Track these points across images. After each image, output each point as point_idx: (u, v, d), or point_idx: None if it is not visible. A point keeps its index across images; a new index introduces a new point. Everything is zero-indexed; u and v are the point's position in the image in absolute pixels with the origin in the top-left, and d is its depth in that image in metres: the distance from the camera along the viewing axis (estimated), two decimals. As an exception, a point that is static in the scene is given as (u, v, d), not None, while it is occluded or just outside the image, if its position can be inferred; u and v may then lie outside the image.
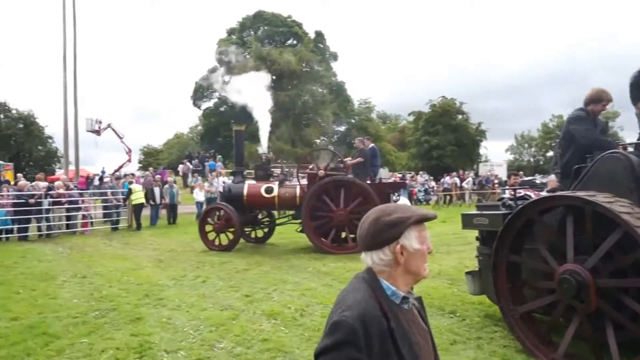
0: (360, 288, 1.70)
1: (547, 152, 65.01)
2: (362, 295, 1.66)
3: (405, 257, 1.69)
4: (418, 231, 1.71)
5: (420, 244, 1.71)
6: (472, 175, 33.56)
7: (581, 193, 4.96)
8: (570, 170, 5.69)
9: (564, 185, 5.81)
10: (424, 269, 1.74)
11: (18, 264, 11.37)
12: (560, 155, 5.90)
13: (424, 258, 1.73)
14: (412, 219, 1.70)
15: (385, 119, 72.80)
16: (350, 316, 1.57)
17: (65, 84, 26.34)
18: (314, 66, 42.92)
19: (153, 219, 20.11)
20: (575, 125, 5.79)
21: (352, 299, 1.65)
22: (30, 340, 5.98)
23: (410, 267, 1.71)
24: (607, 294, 4.79)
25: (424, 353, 1.71)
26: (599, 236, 4.79)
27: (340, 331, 1.56)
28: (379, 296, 1.67)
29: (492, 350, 5.64)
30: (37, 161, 43.50)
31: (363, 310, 1.59)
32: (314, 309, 7.46)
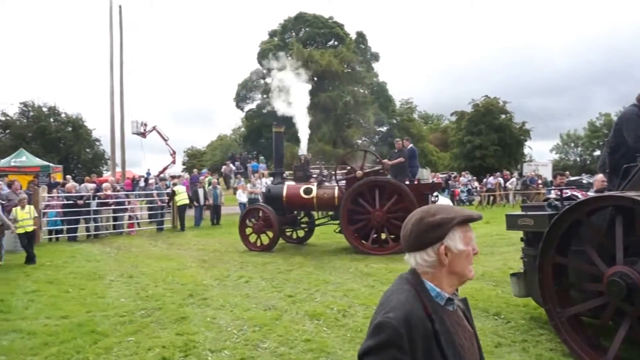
0: (404, 289, 1.68)
1: (594, 152, 63.45)
2: (406, 296, 1.64)
3: (450, 259, 1.67)
4: (463, 232, 1.69)
5: (464, 245, 1.68)
6: (516, 176, 32.93)
7: (631, 193, 4.81)
8: (620, 169, 5.52)
9: (613, 186, 5.63)
10: (469, 270, 1.72)
11: (68, 264, 11.72)
12: (610, 154, 5.72)
13: (469, 259, 1.71)
14: (456, 219, 1.67)
15: (427, 119, 72.16)
16: (394, 317, 1.55)
17: (112, 88, 27.04)
18: (355, 67, 42.83)
19: (197, 220, 20.40)
20: (628, 125, 5.57)
21: (396, 300, 1.63)
22: (79, 338, 6.15)
23: (455, 269, 1.69)
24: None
25: (469, 355, 1.69)
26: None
27: (384, 332, 1.54)
28: (424, 297, 1.65)
29: (538, 354, 5.53)
30: (85, 163, 44.55)
31: (407, 312, 1.57)
32: (356, 309, 7.45)
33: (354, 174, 13.05)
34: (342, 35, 46.02)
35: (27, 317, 7.20)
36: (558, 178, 9.50)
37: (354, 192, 12.74)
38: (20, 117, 41.17)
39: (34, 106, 41.56)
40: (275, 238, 13.62)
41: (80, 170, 42.98)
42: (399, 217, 12.53)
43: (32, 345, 5.94)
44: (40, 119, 40.82)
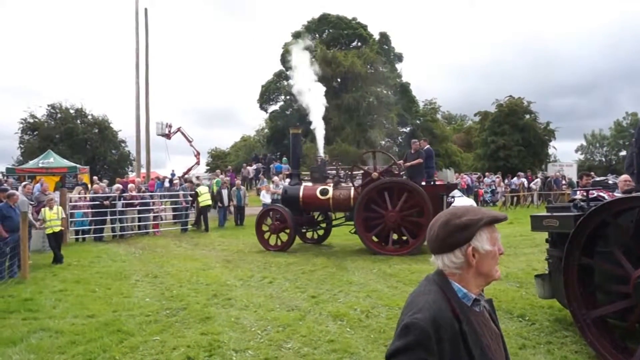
0: (432, 290, 1.70)
1: (620, 152, 62.35)
2: (434, 297, 1.65)
3: (477, 259, 1.69)
4: (489, 233, 1.70)
5: (491, 246, 1.70)
6: (540, 176, 32.51)
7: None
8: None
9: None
10: (495, 270, 1.74)
11: (94, 264, 11.91)
12: (638, 154, 5.62)
13: (495, 260, 1.72)
14: (483, 220, 1.69)
15: (451, 119, 71.67)
16: (422, 318, 1.57)
17: (137, 90, 27.35)
18: (378, 67, 42.71)
19: (221, 221, 20.55)
20: None
21: (423, 301, 1.64)
22: (105, 338, 6.25)
23: (482, 269, 1.71)
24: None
25: (495, 356, 1.69)
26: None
27: (411, 333, 1.56)
28: (451, 298, 1.66)
29: (563, 356, 5.49)
30: (111, 164, 45.12)
31: (435, 313, 1.59)
32: (380, 310, 7.46)
33: (370, 175, 13.09)
34: (366, 36, 45.90)
35: (55, 316, 7.32)
36: (584, 178, 9.38)
37: (364, 200, 12.84)
38: (48, 119, 41.84)
39: (61, 108, 42.21)
40: (291, 238, 13.75)
41: (107, 171, 43.55)
42: (412, 219, 12.67)
43: (59, 344, 6.05)
44: (68, 121, 41.45)
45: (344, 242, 15.36)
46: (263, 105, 49.18)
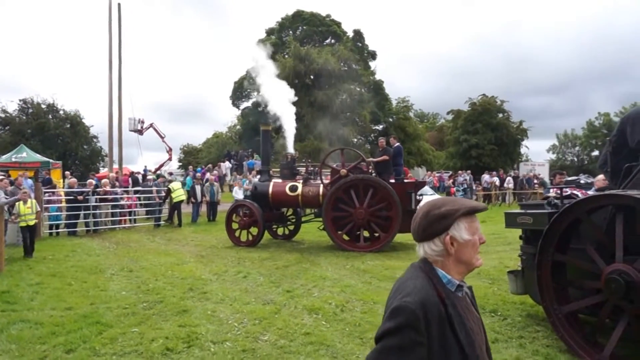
0: (419, 276, 1.78)
1: (592, 152, 63.58)
2: (421, 282, 1.74)
3: (456, 248, 1.78)
4: (468, 222, 1.79)
5: (470, 235, 1.79)
6: (511, 174, 33.08)
7: (632, 192, 4.92)
8: (621, 169, 5.62)
9: (614, 185, 5.72)
10: (476, 259, 1.83)
11: (69, 258, 11.79)
12: (612, 153, 5.80)
13: (475, 248, 1.81)
14: (460, 211, 1.78)
15: (423, 117, 72.25)
16: (412, 302, 1.65)
17: (110, 86, 27.09)
18: (352, 65, 42.77)
19: (194, 216, 20.48)
20: (635, 127, 5.61)
21: (412, 286, 1.73)
22: (85, 329, 6.25)
23: (462, 257, 1.80)
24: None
25: (478, 338, 1.78)
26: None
27: (402, 315, 1.64)
28: (436, 284, 1.75)
29: (535, 350, 5.64)
30: (83, 160, 44.49)
31: (423, 296, 1.68)
32: (354, 305, 7.57)
33: (339, 172, 13.24)
34: (340, 34, 45.97)
35: (33, 308, 7.29)
36: (557, 177, 9.59)
37: (331, 200, 13.02)
38: (19, 114, 41.08)
39: (33, 103, 41.50)
40: (260, 233, 13.85)
41: (78, 166, 42.93)
42: (380, 216, 12.94)
43: (40, 335, 6.05)
44: (39, 116, 40.76)
45: (314, 238, 15.51)
46: (235, 101, 48.96)
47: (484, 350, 1.82)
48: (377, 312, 7.10)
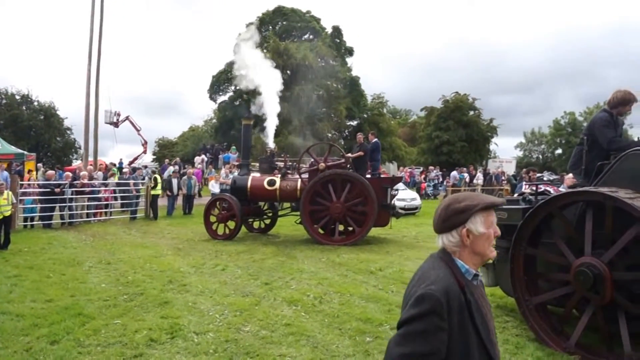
0: (440, 266, 1.93)
1: (556, 150, 64.78)
2: (443, 272, 1.89)
3: (471, 240, 1.92)
4: (484, 217, 1.93)
5: (485, 228, 1.93)
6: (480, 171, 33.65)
7: (603, 189, 5.18)
8: (592, 168, 5.89)
9: (586, 182, 6.00)
10: (490, 250, 1.97)
11: (45, 250, 11.72)
12: (586, 152, 6.07)
13: (489, 240, 1.96)
14: (479, 206, 1.92)
15: (395, 113, 72.67)
16: (436, 290, 1.79)
17: (89, 77, 26.71)
18: (329, 61, 42.92)
19: (169, 209, 20.46)
20: (602, 130, 5.88)
21: (435, 275, 1.87)
22: (67, 321, 6.30)
23: (477, 249, 1.94)
24: (622, 286, 5.04)
25: (491, 323, 1.95)
26: (617, 231, 5.04)
27: (426, 302, 1.77)
28: (456, 273, 1.90)
29: (505, 339, 5.91)
30: (55, 152, 43.93)
31: (446, 285, 1.82)
32: (332, 297, 7.76)
33: (317, 166, 13.44)
34: (319, 30, 46.07)
35: (13, 301, 7.28)
36: (531, 173, 9.91)
37: (309, 194, 13.20)
38: (-8, 105, 40.47)
39: (7, 94, 40.82)
40: (237, 227, 14.01)
41: (50, 158, 42.37)
42: (357, 210, 13.15)
43: (22, 327, 6.07)
44: (13, 107, 40.11)
45: (290, 232, 15.67)
46: (213, 95, 48.77)
47: (495, 335, 1.98)
48: (354, 304, 7.31)
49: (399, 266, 10.03)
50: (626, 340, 4.88)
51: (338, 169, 13.47)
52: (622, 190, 5.05)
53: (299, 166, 14.10)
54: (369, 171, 14.07)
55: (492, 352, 1.87)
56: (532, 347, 5.63)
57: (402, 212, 15.83)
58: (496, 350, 1.92)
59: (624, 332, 4.92)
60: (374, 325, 6.28)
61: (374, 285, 8.54)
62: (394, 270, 9.67)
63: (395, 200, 14.93)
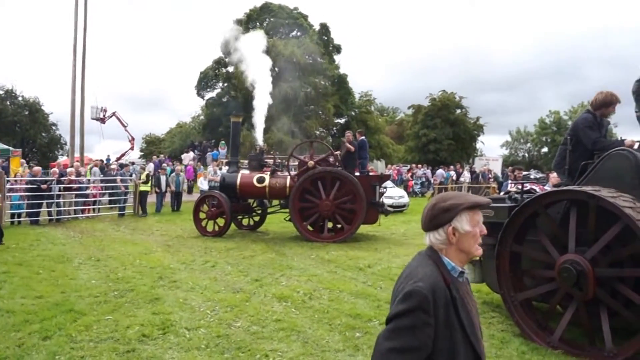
0: (428, 263, 2.01)
1: (542, 149, 65.36)
2: (430, 269, 1.97)
3: (457, 238, 2.00)
4: (470, 216, 2.01)
5: (471, 227, 2.00)
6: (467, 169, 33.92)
7: (587, 188, 5.32)
8: (576, 167, 6.04)
9: (570, 182, 6.14)
10: (475, 248, 2.04)
11: (34, 247, 11.71)
12: (570, 152, 6.21)
13: (475, 239, 2.03)
14: (463, 205, 2.00)
15: (383, 111, 72.88)
16: (423, 286, 1.87)
17: (74, 72, 26.49)
18: (317, 58, 42.93)
19: (158, 206, 20.47)
20: (585, 132, 6.02)
21: (422, 272, 1.95)
22: (59, 317, 6.33)
23: (463, 246, 2.02)
24: (604, 283, 5.19)
25: (476, 320, 2.04)
26: (600, 229, 5.18)
27: (414, 298, 1.86)
28: (443, 271, 1.98)
29: (491, 334, 6.04)
30: (41, 148, 43.63)
31: (433, 282, 1.90)
32: (321, 293, 7.85)
33: (306, 164, 13.52)
34: (306, 27, 46.03)
35: (3, 297, 7.28)
36: (517, 172, 10.07)
37: (298, 191, 13.28)
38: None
39: (-9, 89, 40.47)
40: (227, 224, 14.04)
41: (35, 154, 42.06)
42: (346, 208, 13.26)
43: (13, 323, 6.09)
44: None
45: (279, 229, 15.74)
46: (200, 92, 48.59)
47: (480, 330, 2.07)
48: (344, 300, 7.41)
49: (387, 263, 10.15)
50: (607, 335, 5.03)
51: (327, 166, 13.55)
52: (605, 189, 5.19)
53: (288, 164, 14.16)
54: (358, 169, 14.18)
55: (476, 346, 1.95)
56: (517, 342, 5.76)
57: (391, 210, 15.97)
58: (481, 345, 2.00)
59: (606, 327, 5.07)
60: (363, 321, 6.38)
61: (363, 282, 8.65)
62: (382, 267, 9.78)
63: (384, 198, 15.05)
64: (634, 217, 4.69)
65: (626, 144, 5.68)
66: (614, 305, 5.12)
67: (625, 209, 4.75)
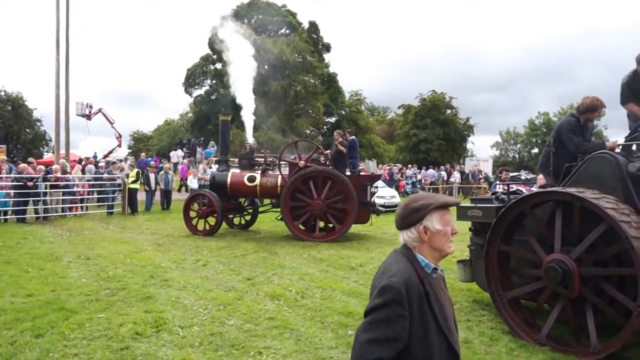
0: (402, 260, 2.13)
1: (532, 149, 65.85)
2: (405, 265, 2.09)
3: (429, 236, 2.12)
4: (440, 215, 2.12)
5: (442, 226, 2.12)
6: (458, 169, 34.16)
7: (571, 189, 5.45)
8: (561, 169, 6.17)
9: (555, 183, 6.27)
10: (447, 246, 2.15)
11: (21, 245, 11.67)
12: (554, 154, 6.34)
13: (446, 237, 2.14)
14: (433, 205, 2.11)
15: (374, 111, 73.08)
16: (397, 281, 1.99)
17: (57, 67, 26.26)
18: (306, 57, 42.94)
19: (148, 205, 20.42)
20: (568, 135, 6.16)
21: (396, 268, 2.07)
22: (51, 315, 6.34)
23: (434, 244, 2.13)
24: (589, 281, 5.32)
25: (449, 313, 2.15)
26: (584, 229, 5.31)
27: (388, 293, 1.98)
28: (416, 267, 2.10)
29: (481, 331, 6.15)
30: (25, 144, 43.28)
31: (406, 277, 2.02)
32: (314, 291, 7.91)
33: (297, 164, 13.57)
34: (295, 24, 46.02)
35: (-7, 295, 7.29)
36: (504, 173, 10.20)
37: (290, 190, 13.32)
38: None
39: (-28, 84, 39.99)
40: (218, 223, 14.05)
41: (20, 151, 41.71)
42: (337, 207, 13.33)
43: (4, 321, 6.09)
44: (-22, 98, 39.38)
45: (271, 228, 15.79)
46: (188, 89, 48.46)
47: (453, 323, 2.18)
48: (336, 299, 7.48)
49: (378, 262, 10.16)
50: (593, 332, 5.17)
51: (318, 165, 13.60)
52: (589, 191, 5.33)
53: (279, 163, 14.19)
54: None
55: (449, 337, 2.07)
56: (506, 339, 5.86)
57: (382, 210, 16.05)
58: (454, 336, 2.12)
59: (591, 325, 5.20)
60: (355, 319, 6.44)
61: (354, 281, 8.73)
62: (374, 266, 9.85)
63: (375, 197, 15.14)
64: (616, 218, 4.81)
65: (608, 147, 5.83)
66: (599, 303, 5.25)
67: (608, 210, 4.87)
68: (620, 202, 5.17)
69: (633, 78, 6.70)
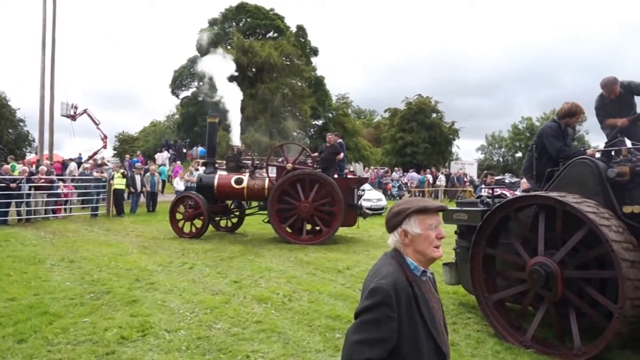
0: (391, 263, 2.17)
1: (516, 153, 66.49)
2: (394, 268, 2.13)
3: (410, 239, 2.16)
4: (420, 219, 2.15)
5: (422, 230, 2.15)
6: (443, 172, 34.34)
7: (553, 193, 5.54)
8: (544, 173, 6.25)
9: (538, 187, 6.35)
10: (431, 250, 2.17)
11: (3, 248, 11.49)
12: (537, 159, 6.42)
13: (428, 241, 2.16)
14: (410, 209, 2.15)
15: (360, 114, 73.29)
16: (386, 283, 2.03)
17: (43, 67, 26.07)
18: (294, 60, 42.98)
19: (133, 207, 20.27)
20: (550, 140, 6.27)
21: (385, 271, 2.11)
22: (34, 319, 6.23)
23: (417, 248, 2.17)
24: (572, 284, 5.39)
25: (438, 315, 2.19)
26: (567, 233, 5.38)
27: (378, 294, 2.02)
28: (405, 270, 2.14)
29: (467, 334, 6.19)
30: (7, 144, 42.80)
31: (395, 280, 2.06)
32: (301, 295, 7.90)
33: (285, 167, 13.57)
34: (283, 28, 46.01)
35: (-27, 299, 7.17)
36: (489, 177, 10.31)
37: (277, 193, 13.30)
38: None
39: (-46, 83, 39.47)
40: (204, 225, 14.00)
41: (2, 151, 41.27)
42: (324, 210, 13.35)
43: (-14, 326, 6.00)
44: (-40, 97, 38.87)
45: (257, 230, 15.73)
46: (175, 90, 48.28)
47: (442, 325, 2.22)
48: (323, 302, 7.49)
49: (365, 265, 10.19)
50: (576, 334, 5.24)
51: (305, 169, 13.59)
52: (570, 195, 5.41)
53: (267, 166, 14.16)
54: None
55: (437, 338, 2.10)
56: (491, 341, 5.91)
57: (369, 212, 16.08)
58: (442, 337, 2.16)
59: (574, 327, 5.28)
60: (343, 322, 6.44)
61: (342, 284, 8.73)
62: (361, 269, 9.83)
63: (362, 200, 15.17)
64: (597, 222, 4.89)
65: (588, 154, 5.92)
66: (581, 305, 5.32)
67: (589, 214, 4.96)
68: (601, 206, 5.25)
69: (601, 101, 7.07)
